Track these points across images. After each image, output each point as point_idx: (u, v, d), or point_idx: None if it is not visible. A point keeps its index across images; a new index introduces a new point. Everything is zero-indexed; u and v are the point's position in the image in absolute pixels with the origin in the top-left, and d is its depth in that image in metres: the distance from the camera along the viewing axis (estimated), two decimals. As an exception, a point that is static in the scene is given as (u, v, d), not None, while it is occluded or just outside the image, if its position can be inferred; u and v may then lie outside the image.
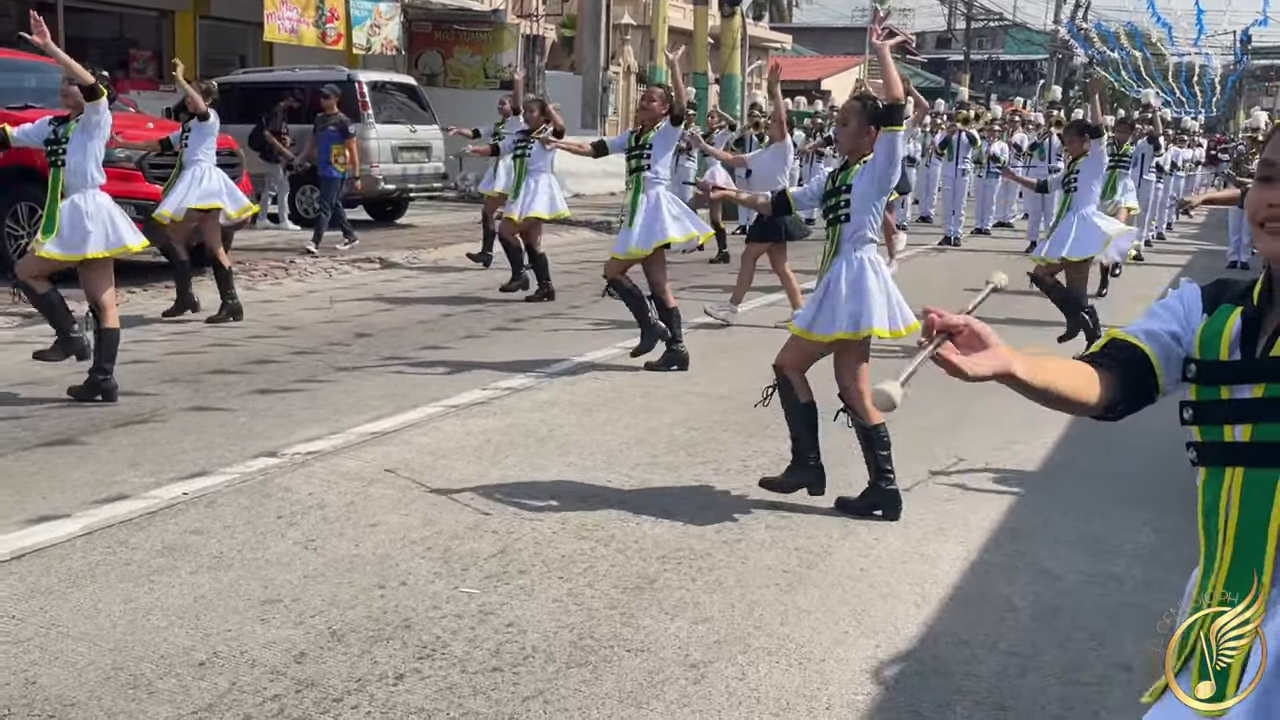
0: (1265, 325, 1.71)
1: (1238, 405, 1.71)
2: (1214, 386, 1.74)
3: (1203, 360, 1.75)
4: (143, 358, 7.30)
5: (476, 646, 3.46)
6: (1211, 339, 1.75)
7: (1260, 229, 1.73)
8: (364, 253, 12.63)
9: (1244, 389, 1.71)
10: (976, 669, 3.44)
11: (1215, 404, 1.74)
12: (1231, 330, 1.73)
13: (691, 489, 5.05)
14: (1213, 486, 1.73)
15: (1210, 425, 1.74)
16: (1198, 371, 1.75)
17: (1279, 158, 1.72)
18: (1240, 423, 1.70)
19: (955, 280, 11.51)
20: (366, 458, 5.31)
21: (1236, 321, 1.74)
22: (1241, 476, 1.69)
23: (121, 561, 4.00)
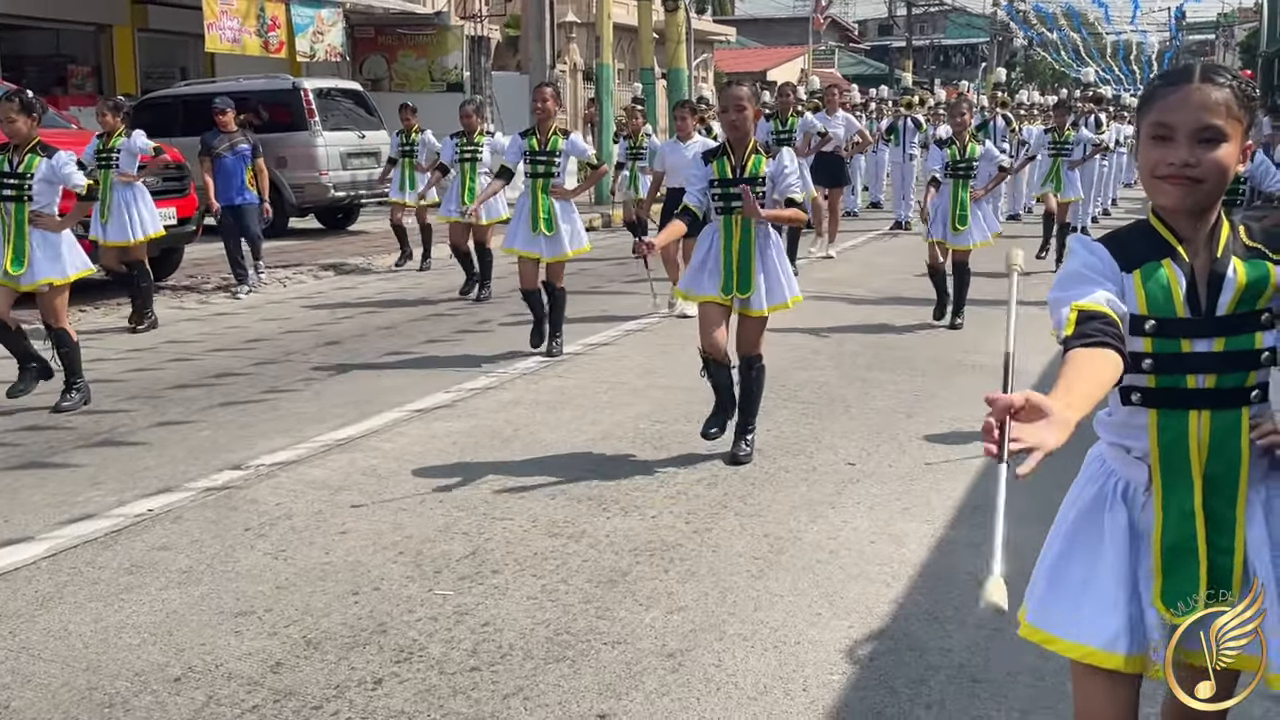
0: (1196, 277, 1.91)
1: (1200, 358, 1.91)
2: (1174, 340, 1.91)
3: (1161, 318, 1.92)
4: (100, 376, 7.22)
5: (454, 647, 3.47)
6: (1161, 296, 1.92)
7: (1159, 181, 1.90)
8: (319, 260, 12.56)
9: (1203, 343, 1.91)
10: (948, 644, 3.50)
11: (1175, 356, 1.92)
12: (1179, 288, 1.91)
13: (659, 481, 5.08)
14: (1173, 425, 1.95)
15: (1170, 375, 1.93)
16: (1158, 328, 1.91)
17: (1172, 121, 1.88)
18: (1204, 373, 1.92)
19: (907, 264, 11.61)
20: (332, 466, 5.29)
21: (1179, 277, 1.92)
22: (1209, 419, 1.93)
23: (89, 581, 3.97)
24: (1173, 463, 1.95)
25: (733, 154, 5.04)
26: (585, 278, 11.46)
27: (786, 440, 5.65)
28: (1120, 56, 63.85)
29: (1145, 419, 1.97)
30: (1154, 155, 1.90)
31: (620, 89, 24.44)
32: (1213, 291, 1.91)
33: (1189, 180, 1.88)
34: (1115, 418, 2.04)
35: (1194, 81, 1.89)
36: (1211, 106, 1.86)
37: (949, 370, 7.28)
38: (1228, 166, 1.89)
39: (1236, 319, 1.90)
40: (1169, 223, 1.96)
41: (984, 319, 9.04)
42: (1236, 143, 1.90)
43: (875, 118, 20.32)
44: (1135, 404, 1.97)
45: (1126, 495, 2.03)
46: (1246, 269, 1.91)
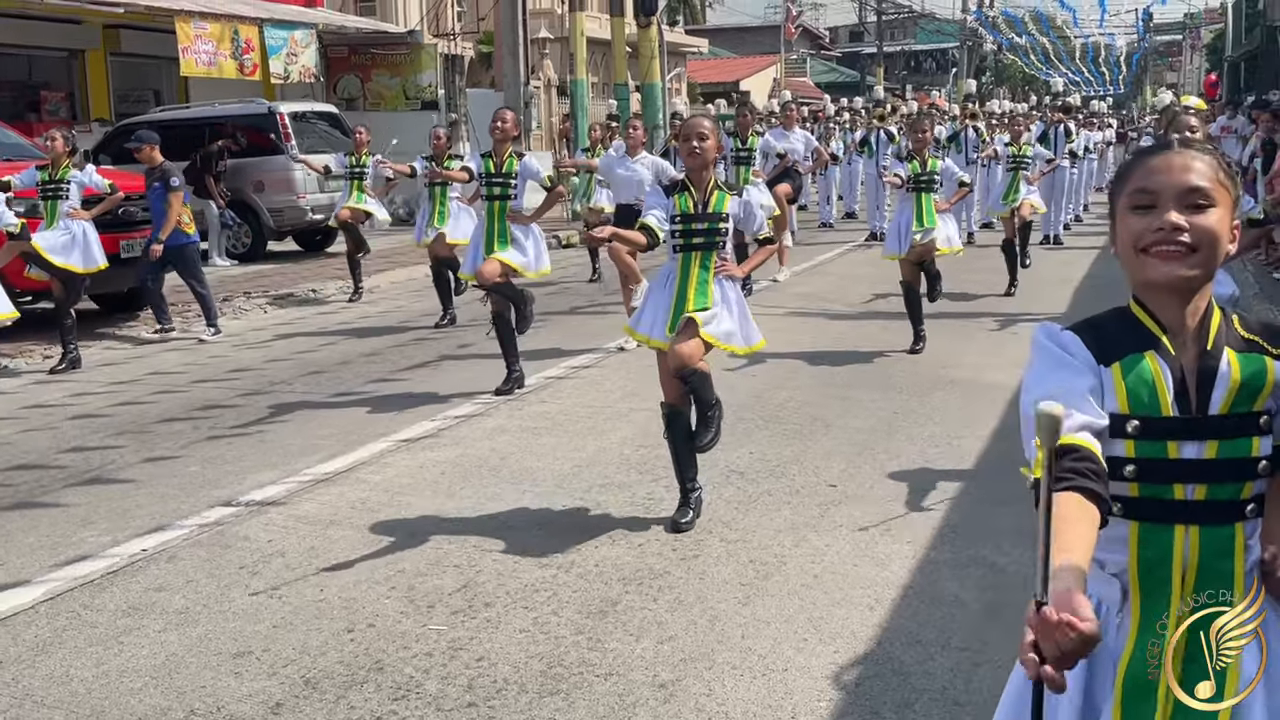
0: (1185, 372, 1.72)
1: (1189, 465, 1.70)
2: (1159, 443, 1.71)
3: (1145, 418, 1.71)
4: (86, 411, 7.27)
5: (449, 683, 3.55)
6: (1144, 393, 1.71)
7: (1144, 254, 1.72)
8: (298, 286, 12.60)
9: (1193, 447, 1.70)
10: (931, 667, 3.60)
11: (1161, 462, 1.72)
12: (1165, 385, 1.71)
13: (646, 506, 5.17)
14: (1156, 541, 1.73)
15: (1154, 484, 1.72)
16: (1142, 429, 1.71)
17: (1155, 186, 1.72)
18: (1193, 482, 1.70)
19: (884, 275, 11.74)
20: (322, 500, 5.36)
21: (1164, 371, 1.72)
22: (1198, 534, 1.71)
23: (88, 625, 4.03)
24: (1153, 584, 1.73)
25: (694, 189, 4.79)
26: (566, 297, 11.55)
27: (769, 462, 5.75)
28: (1089, 59, 64.49)
29: (1125, 531, 1.75)
30: (1137, 226, 1.72)
31: (594, 103, 24.58)
32: (1204, 388, 1.70)
33: (1180, 248, 1.69)
34: None
35: (1174, 148, 1.75)
36: (1197, 170, 1.71)
37: (927, 386, 7.40)
38: (1220, 235, 1.70)
39: (1232, 420, 1.69)
40: (1153, 309, 1.76)
41: (960, 332, 9.18)
42: (1227, 212, 1.72)
43: (850, 128, 20.49)
44: (1115, 515, 1.72)
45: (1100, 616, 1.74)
46: (1242, 363, 1.71)
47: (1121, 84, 69.50)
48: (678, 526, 4.81)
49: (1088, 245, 15.16)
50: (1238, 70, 31.35)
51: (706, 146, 4.71)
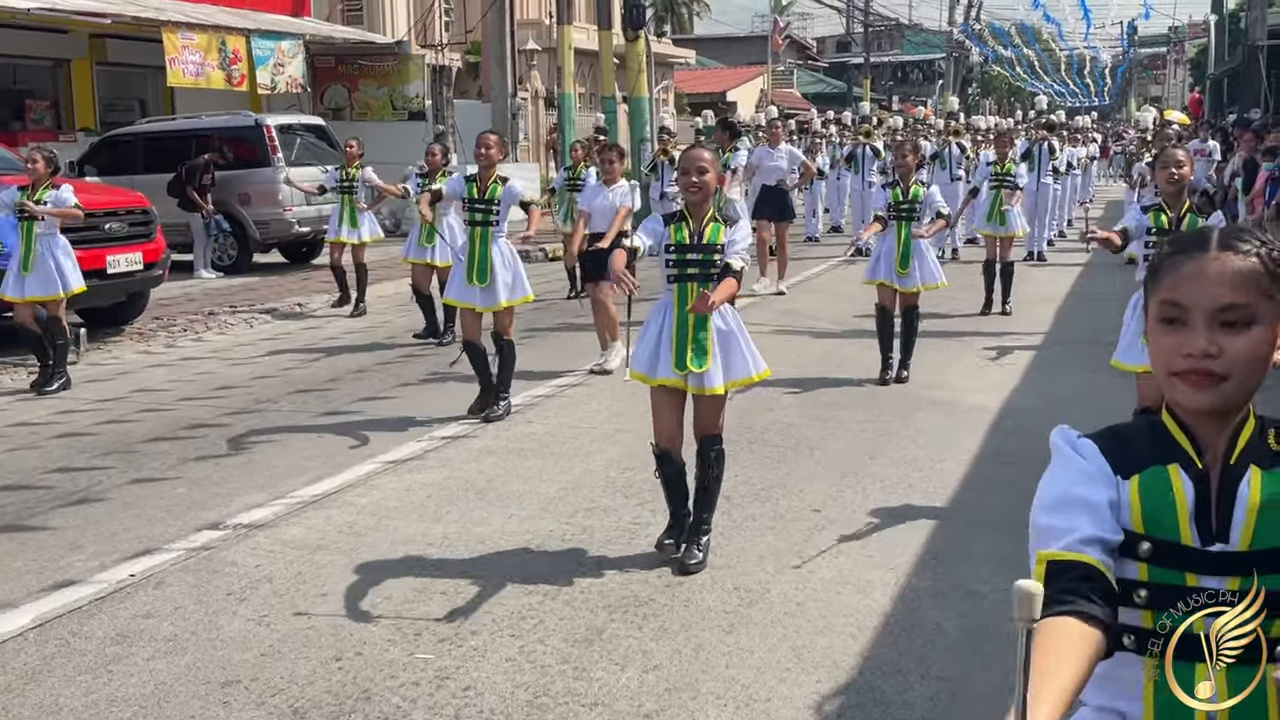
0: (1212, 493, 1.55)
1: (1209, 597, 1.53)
2: (1176, 571, 1.55)
3: (1159, 540, 1.55)
4: (73, 430, 7.28)
5: (436, 713, 3.59)
6: (1162, 514, 1.55)
7: (1175, 379, 1.55)
8: (284, 299, 12.62)
9: (1214, 580, 1.53)
10: (910, 697, 3.66)
11: (1178, 590, 1.55)
12: (1186, 504, 1.55)
13: (631, 531, 5.21)
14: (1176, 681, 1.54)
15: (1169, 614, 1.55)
16: (1154, 553, 1.55)
17: (1186, 300, 1.53)
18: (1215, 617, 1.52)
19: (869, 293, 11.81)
20: (309, 524, 5.39)
21: (1187, 491, 1.55)
22: (1224, 674, 1.53)
23: (77, 652, 4.05)
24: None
25: (691, 220, 4.75)
26: (551, 313, 11.60)
27: (754, 486, 5.80)
28: (1075, 71, 64.91)
29: (1139, 671, 1.57)
30: (1166, 344, 1.54)
31: (582, 115, 24.66)
32: (1224, 510, 1.52)
33: (1210, 376, 1.50)
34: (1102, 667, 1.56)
35: (1211, 250, 1.53)
36: (1235, 280, 1.51)
37: (909, 408, 7.47)
38: (1260, 357, 1.51)
39: (1259, 557, 1.50)
40: (1185, 422, 1.58)
41: (942, 352, 9.26)
42: (1272, 325, 1.52)
43: (838, 143, 20.60)
44: (1127, 649, 1.56)
45: None
46: (1265, 482, 1.52)
47: (1107, 96, 69.97)
48: (685, 569, 4.70)
49: (1071, 262, 15.28)
50: (1220, 87, 31.64)
51: (706, 180, 4.66)
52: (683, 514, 4.92)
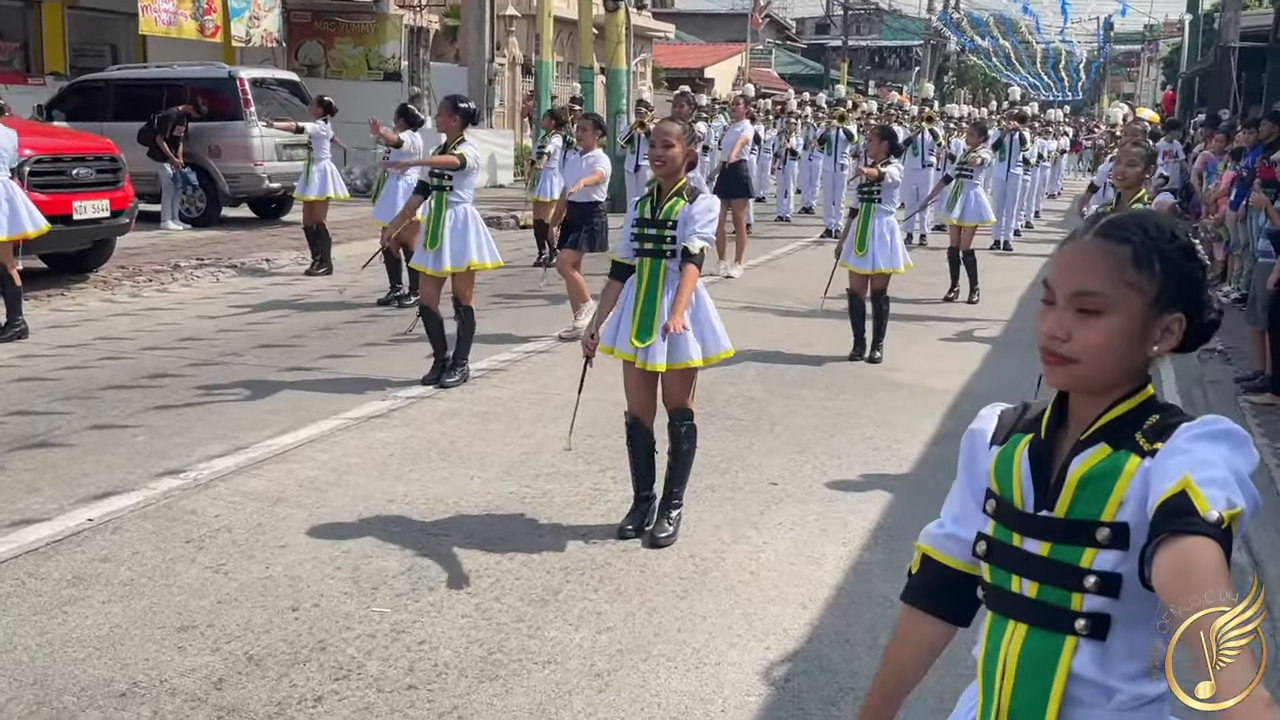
0: (1053, 461, 1.59)
1: (1025, 558, 1.58)
2: (1007, 530, 1.61)
3: (1000, 499, 1.63)
4: (33, 374, 7.23)
5: (391, 665, 3.63)
6: (1005, 476, 1.63)
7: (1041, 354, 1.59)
8: (252, 254, 12.53)
9: (1032, 542, 1.58)
10: (857, 666, 3.74)
11: (1007, 549, 1.61)
12: (1020, 470, 1.61)
13: (591, 497, 5.27)
14: (995, 634, 1.62)
15: (1000, 569, 1.62)
16: (996, 510, 1.63)
17: (1054, 282, 1.58)
18: (1027, 577, 1.57)
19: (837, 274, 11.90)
20: (270, 476, 5.41)
21: (1024, 459, 1.62)
22: (1024, 635, 1.57)
23: (32, 593, 4.06)
24: (986, 683, 1.61)
25: (659, 194, 4.72)
26: (522, 281, 11.60)
27: (714, 458, 5.87)
28: (1049, 65, 65.25)
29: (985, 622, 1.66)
30: (1037, 322, 1.59)
31: (559, 84, 24.54)
32: (1059, 483, 1.57)
33: (1059, 358, 1.54)
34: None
35: (1088, 236, 1.56)
36: (1094, 267, 1.52)
37: (871, 388, 7.56)
38: (1109, 346, 1.51)
39: (1066, 525, 1.53)
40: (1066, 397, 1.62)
41: (905, 336, 9.36)
42: (1129, 316, 1.52)
43: (812, 125, 20.65)
44: (980, 600, 1.67)
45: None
46: (1101, 461, 1.53)
47: (1080, 91, 70.41)
48: (655, 542, 4.70)
49: (1037, 253, 15.43)
50: (1191, 86, 31.94)
51: (670, 154, 4.63)
52: (646, 495, 4.91)
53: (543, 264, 12.40)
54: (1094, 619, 1.51)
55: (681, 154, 4.68)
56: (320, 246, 11.88)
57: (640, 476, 4.91)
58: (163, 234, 14.03)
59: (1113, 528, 1.49)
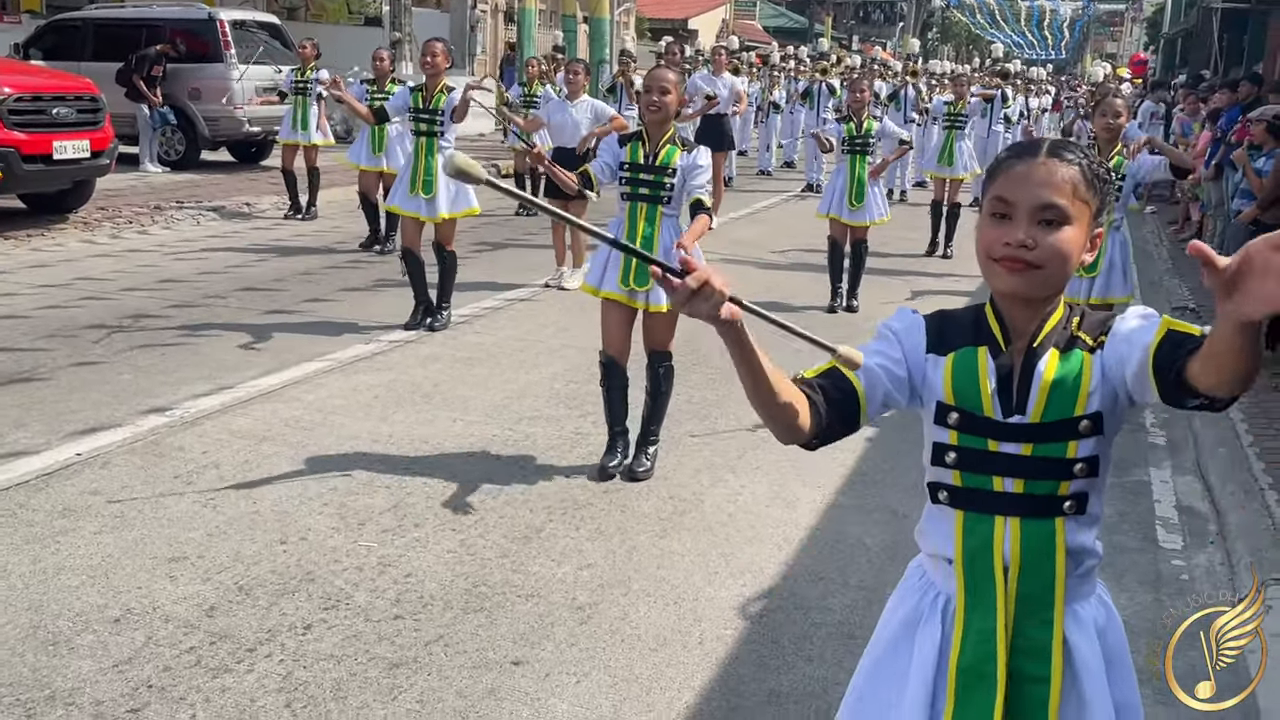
0: (1014, 371, 1.75)
1: (1006, 459, 1.74)
2: (979, 438, 1.75)
3: (966, 411, 1.76)
4: (14, 312, 7.25)
5: (378, 596, 3.74)
6: (969, 388, 1.75)
7: (994, 264, 1.72)
8: (232, 198, 12.50)
9: (1011, 445, 1.74)
10: (830, 603, 3.87)
11: (981, 454, 1.75)
12: (988, 381, 1.75)
13: (572, 440, 5.37)
14: (978, 531, 1.77)
15: (975, 474, 1.77)
16: (962, 421, 1.76)
17: (1013, 197, 1.71)
18: (1011, 476, 1.74)
19: (818, 228, 11.98)
20: (256, 415, 5.48)
21: (990, 370, 1.75)
22: (1018, 526, 1.75)
23: (24, 523, 4.14)
24: (977, 574, 1.77)
25: (648, 140, 4.77)
26: (504, 230, 11.63)
27: (694, 405, 5.97)
28: (1034, 23, 65.11)
29: (953, 524, 1.80)
30: (991, 234, 1.72)
31: (541, 32, 24.36)
32: (1023, 386, 1.73)
33: (1025, 265, 1.69)
34: (927, 521, 1.88)
35: (1040, 157, 1.72)
36: (1056, 184, 1.69)
37: (848, 338, 7.52)
38: (1070, 253, 1.70)
39: (1046, 428, 1.72)
40: (1002, 311, 1.78)
41: (884, 289, 9.47)
42: (1082, 227, 1.72)
43: (794, 78, 20.62)
44: (942, 503, 1.81)
45: (946, 612, 1.83)
46: (1059, 364, 1.73)
47: (1064, 50, 70.32)
48: (633, 475, 4.88)
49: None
50: (1174, 46, 31.99)
51: (667, 101, 4.68)
52: (619, 431, 5.05)
53: (527, 213, 12.43)
54: (1078, 498, 1.74)
55: (675, 101, 4.75)
56: (311, 191, 11.83)
57: (614, 414, 5.04)
58: (141, 176, 13.95)
59: (1090, 418, 1.71)
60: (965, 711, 1.78)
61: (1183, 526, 4.71)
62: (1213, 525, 4.73)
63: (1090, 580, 1.82)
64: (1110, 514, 4.76)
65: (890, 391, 1.80)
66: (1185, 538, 4.60)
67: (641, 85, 4.89)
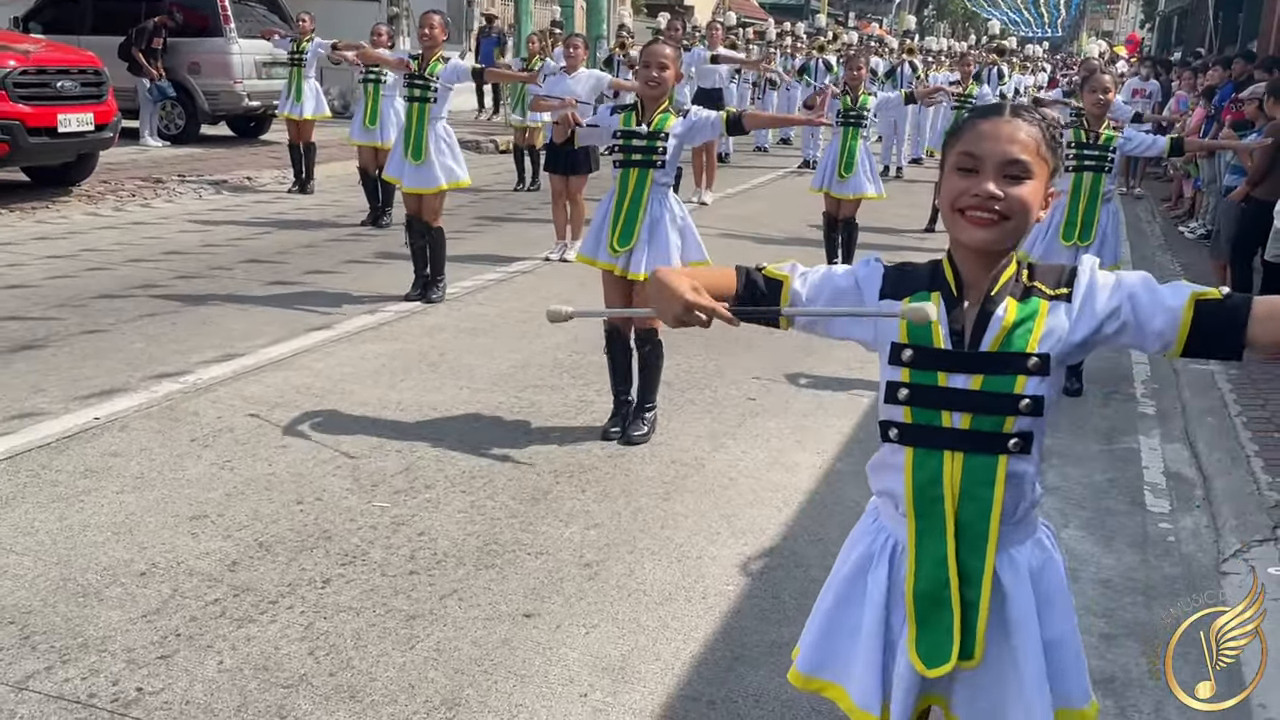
0: (966, 314, 1.87)
1: (955, 394, 1.84)
2: (930, 372, 1.86)
3: (919, 347, 1.86)
4: (25, 281, 7.36)
5: (393, 553, 3.87)
6: (922, 330, 1.86)
7: (959, 215, 1.83)
8: (233, 172, 12.58)
9: (960, 378, 1.84)
10: (829, 561, 3.93)
11: (931, 390, 1.86)
12: (940, 322, 1.86)
13: (576, 408, 5.50)
14: (927, 465, 1.88)
15: (925, 409, 1.87)
16: (915, 357, 1.86)
17: (980, 152, 1.81)
18: (959, 410, 1.84)
19: (815, 203, 12.10)
20: (267, 383, 5.60)
21: (942, 309, 1.86)
22: (962, 461, 1.86)
23: (48, 483, 4.27)
24: (926, 506, 1.89)
25: (643, 110, 4.87)
26: (505, 204, 11.74)
27: (695, 374, 6.11)
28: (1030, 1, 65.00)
29: (903, 459, 1.90)
30: (958, 185, 1.83)
31: (539, 7, 24.35)
32: (978, 329, 1.84)
33: (994, 215, 1.80)
34: (878, 459, 1.99)
35: (1005, 115, 1.84)
36: (1022, 140, 1.81)
37: (845, 312, 7.79)
38: (1031, 206, 1.81)
39: (998, 357, 1.82)
40: (958, 264, 1.89)
41: (881, 263, 9.59)
42: (1042, 183, 1.84)
43: (790, 54, 20.67)
44: (893, 440, 1.91)
45: (893, 556, 1.97)
46: (1018, 308, 1.84)
47: (1060, 28, 70.23)
48: (630, 440, 5.03)
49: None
50: (1170, 24, 32.03)
51: (665, 77, 4.79)
52: (624, 397, 5.21)
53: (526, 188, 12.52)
54: (1023, 437, 1.84)
55: (673, 76, 4.86)
56: (307, 164, 11.91)
57: (618, 381, 5.20)
58: (142, 150, 14.02)
59: (1040, 358, 1.82)
60: (928, 632, 1.90)
61: (1170, 491, 4.86)
62: (1199, 490, 4.88)
63: (1027, 524, 1.93)
64: (1100, 480, 4.92)
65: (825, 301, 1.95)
66: (1172, 502, 4.74)
67: (639, 60, 4.98)
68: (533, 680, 3.16)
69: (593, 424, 5.26)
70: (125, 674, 3.06)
